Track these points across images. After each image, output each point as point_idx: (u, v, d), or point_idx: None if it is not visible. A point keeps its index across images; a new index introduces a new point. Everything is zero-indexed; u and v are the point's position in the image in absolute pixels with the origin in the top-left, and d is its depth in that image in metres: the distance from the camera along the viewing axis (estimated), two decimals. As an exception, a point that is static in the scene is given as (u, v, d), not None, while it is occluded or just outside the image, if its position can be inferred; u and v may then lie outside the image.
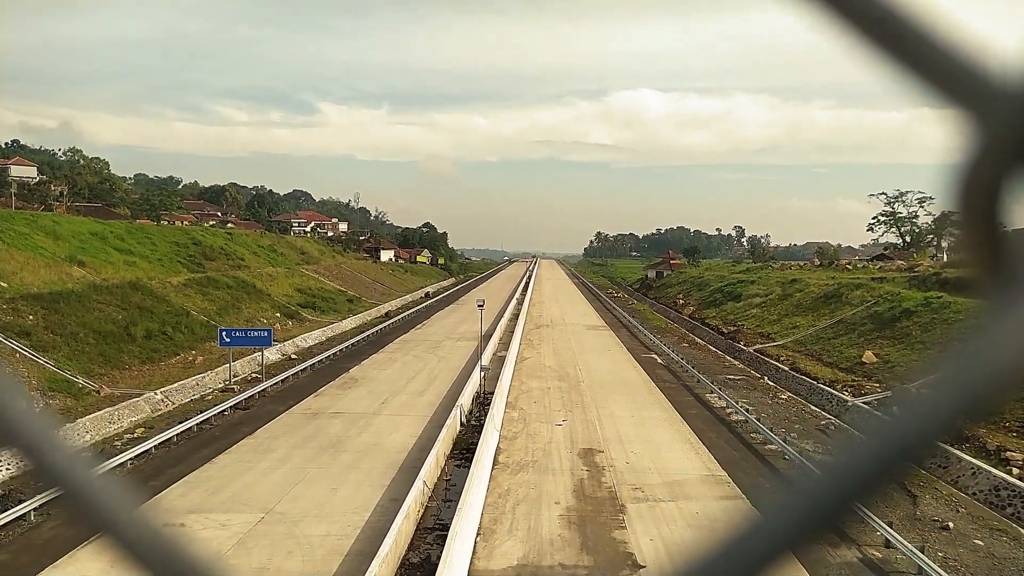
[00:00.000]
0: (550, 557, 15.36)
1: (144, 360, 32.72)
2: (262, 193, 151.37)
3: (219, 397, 29.64)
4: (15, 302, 30.58)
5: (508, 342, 42.65)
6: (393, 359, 39.22)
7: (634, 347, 46.66)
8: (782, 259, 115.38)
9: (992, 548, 16.75)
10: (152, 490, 19.14)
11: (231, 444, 23.30)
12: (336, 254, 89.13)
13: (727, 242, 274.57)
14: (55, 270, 36.46)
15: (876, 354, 34.75)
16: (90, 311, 33.85)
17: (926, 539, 16.56)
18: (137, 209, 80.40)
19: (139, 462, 21.43)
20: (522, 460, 21.92)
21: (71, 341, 30.43)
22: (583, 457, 22.43)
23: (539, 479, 20.21)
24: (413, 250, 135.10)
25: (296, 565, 14.91)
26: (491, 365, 33.34)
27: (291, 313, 52.98)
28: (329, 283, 69.08)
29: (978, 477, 20.44)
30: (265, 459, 21.77)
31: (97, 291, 36.35)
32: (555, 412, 28.09)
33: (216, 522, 17.00)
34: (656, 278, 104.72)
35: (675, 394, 31.99)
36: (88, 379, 28.38)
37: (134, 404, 26.72)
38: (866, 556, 16.01)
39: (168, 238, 56.04)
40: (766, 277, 65.32)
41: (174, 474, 20.40)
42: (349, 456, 22.11)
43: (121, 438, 24.08)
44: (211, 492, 19.07)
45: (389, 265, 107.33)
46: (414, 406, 28.45)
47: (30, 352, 27.79)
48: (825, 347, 39.64)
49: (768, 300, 55.69)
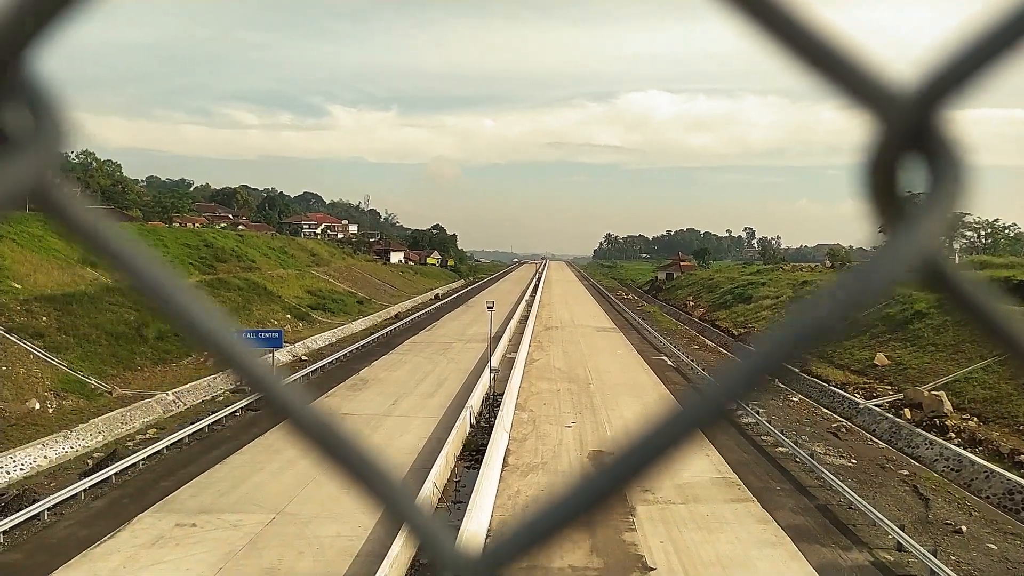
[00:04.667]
0: (560, 559, 15.34)
1: (156, 361, 32.94)
2: (273, 195, 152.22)
3: (230, 398, 29.79)
4: (29, 303, 30.85)
5: (518, 344, 42.65)
6: (403, 361, 39.31)
7: (644, 349, 46.57)
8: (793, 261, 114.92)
9: (1006, 552, 16.61)
10: (164, 490, 19.29)
11: (242, 445, 23.42)
12: (346, 256, 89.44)
13: (737, 244, 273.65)
14: (68, 272, 36.75)
15: (888, 356, 34.53)
16: (102, 312, 34.11)
17: (939, 543, 16.44)
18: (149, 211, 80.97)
19: (151, 462, 21.57)
20: (532, 462, 21.92)
21: (84, 342, 30.68)
22: (593, 459, 22.40)
23: (549, 481, 20.21)
24: (423, 252, 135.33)
25: (307, 565, 14.97)
26: (500, 367, 33.35)
27: (301, 315, 53.20)
28: (339, 285, 69.31)
29: (992, 481, 20.28)
30: (276, 460, 21.86)
31: (109, 292, 36.60)
32: (565, 414, 28.07)
33: (227, 522, 17.09)
34: (666, 280, 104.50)
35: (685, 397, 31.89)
36: (101, 380, 28.60)
37: (146, 405, 26.90)
38: (878, 559, 15.91)
39: (180, 240, 56.39)
40: (777, 279, 65.09)
41: (186, 475, 20.52)
42: (359, 457, 22.15)
43: (133, 439, 24.24)
44: (222, 492, 19.17)
45: (399, 267, 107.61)
46: (424, 408, 28.50)
47: (43, 353, 28.03)
48: (836, 349, 39.39)
49: (779, 302, 55.47)
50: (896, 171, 0.39)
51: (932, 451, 23.12)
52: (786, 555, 15.93)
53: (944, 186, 0.39)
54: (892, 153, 0.39)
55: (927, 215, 0.39)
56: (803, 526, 17.56)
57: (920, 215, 0.39)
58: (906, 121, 0.38)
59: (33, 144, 0.40)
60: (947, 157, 0.39)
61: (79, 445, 22.71)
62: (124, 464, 20.56)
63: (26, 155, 0.40)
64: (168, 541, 16.16)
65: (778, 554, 15.97)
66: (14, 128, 0.40)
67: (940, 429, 24.62)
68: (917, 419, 25.94)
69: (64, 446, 22.25)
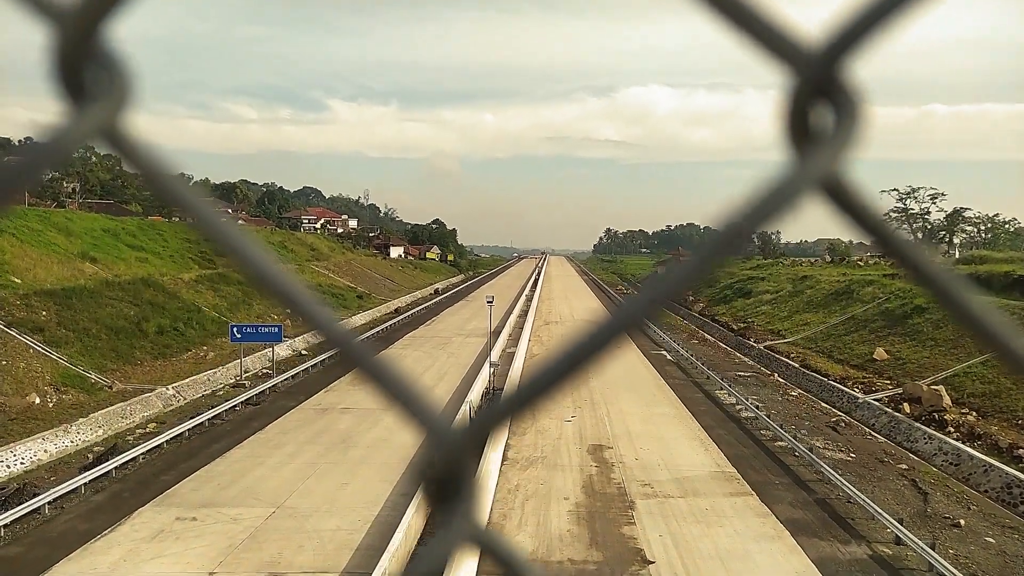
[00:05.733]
0: (559, 552, 15.40)
1: (156, 356, 32.95)
2: (272, 190, 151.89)
3: (230, 392, 29.83)
4: (28, 298, 30.85)
5: (517, 338, 42.68)
6: (403, 355, 39.32)
7: (643, 344, 46.57)
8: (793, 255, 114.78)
9: (1004, 545, 16.67)
10: (164, 484, 19.32)
11: (242, 439, 23.46)
12: (346, 251, 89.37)
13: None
14: (68, 266, 36.75)
15: (887, 351, 34.57)
16: (102, 307, 34.11)
17: (937, 536, 16.49)
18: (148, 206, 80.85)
19: (151, 456, 21.60)
20: (531, 456, 21.96)
21: (84, 337, 30.69)
22: (592, 453, 22.45)
23: (548, 475, 20.25)
24: (422, 247, 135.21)
25: (307, 559, 15.00)
26: (500, 361, 33.37)
27: (301, 309, 53.12)
28: (339, 279, 69.28)
29: (990, 475, 20.33)
30: (276, 454, 21.91)
31: (109, 287, 36.62)
32: (564, 408, 28.10)
33: (228, 516, 17.13)
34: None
35: (684, 391, 31.94)
36: (101, 374, 28.62)
37: (146, 399, 26.93)
38: (876, 553, 15.97)
39: (179, 235, 56.31)
40: (777, 274, 65.10)
41: (186, 468, 20.56)
42: (359, 451, 22.21)
43: (134, 433, 24.28)
44: (223, 487, 19.21)
45: (398, 262, 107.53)
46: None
47: (43, 347, 28.04)
48: (836, 344, 39.47)
49: (779, 297, 55.51)
50: (807, 114, 0.48)
51: (931, 445, 23.17)
52: (785, 548, 15.98)
53: (844, 125, 0.47)
54: (803, 100, 0.48)
55: (828, 146, 0.48)
56: (802, 520, 17.61)
57: (823, 147, 0.48)
58: (813, 73, 0.47)
59: (108, 97, 0.51)
60: (847, 102, 0.47)
61: (79, 439, 22.74)
62: (124, 458, 20.58)
63: (103, 106, 0.51)
64: (168, 535, 16.20)
65: (777, 548, 16.02)
66: (93, 85, 0.51)
67: (939, 423, 24.67)
68: (916, 413, 25.98)
69: (64, 440, 22.28)
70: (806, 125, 0.48)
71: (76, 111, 0.51)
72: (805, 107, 0.48)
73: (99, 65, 0.51)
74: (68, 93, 0.51)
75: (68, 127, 0.51)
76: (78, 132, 0.51)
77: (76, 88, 0.51)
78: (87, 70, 0.51)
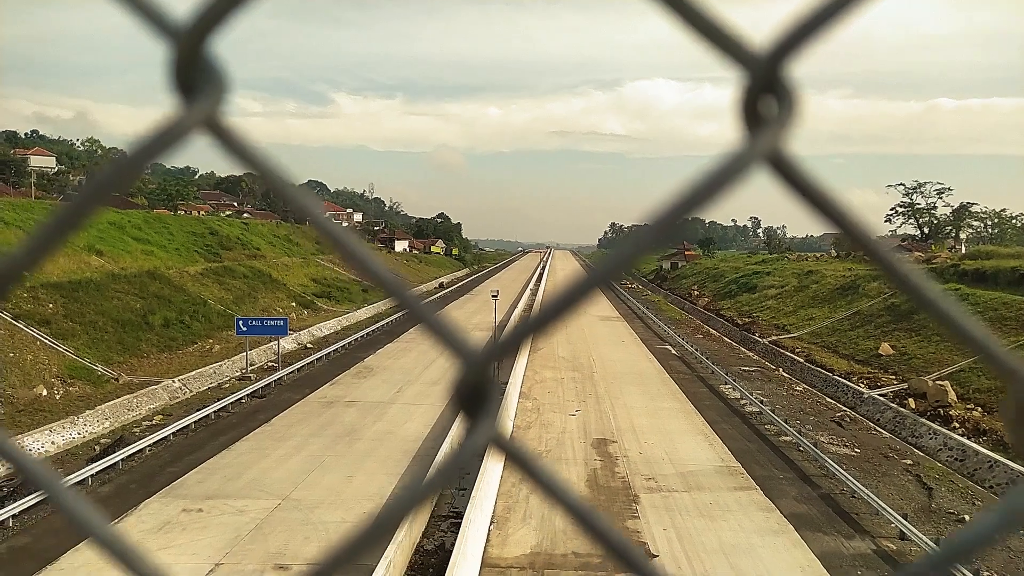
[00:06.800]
0: (563, 545, 15.45)
1: (162, 348, 33.10)
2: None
3: (236, 385, 29.95)
4: (35, 291, 30.99)
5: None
6: (408, 348, 39.39)
7: (648, 338, 46.59)
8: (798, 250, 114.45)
9: (1009, 541, 16.65)
10: (170, 476, 19.44)
11: (248, 431, 23.57)
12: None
13: (742, 233, 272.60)
14: (74, 259, 36.88)
15: (893, 346, 34.50)
16: (109, 300, 34.26)
17: (941, 531, 16.50)
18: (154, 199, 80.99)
19: (158, 448, 21.73)
20: (535, 450, 22.00)
21: (90, 329, 30.84)
22: (597, 447, 22.49)
23: (552, 469, 20.27)
24: (427, 241, 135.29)
25: (312, 551, 15.08)
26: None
27: (307, 303, 53.32)
28: (344, 273, 69.38)
29: (995, 470, 20.30)
30: (281, 446, 22.00)
31: (115, 280, 36.77)
32: (568, 402, 28.15)
33: (233, 508, 17.23)
34: (671, 269, 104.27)
35: (689, 385, 31.95)
36: (107, 367, 28.77)
37: (152, 391, 27.06)
38: (880, 548, 15.98)
39: (185, 228, 56.49)
40: (782, 268, 64.93)
41: (192, 460, 20.68)
42: (364, 444, 22.30)
43: (140, 425, 24.41)
44: (228, 479, 19.31)
45: (403, 255, 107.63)
46: (428, 395, 28.60)
47: (50, 340, 28.19)
48: (841, 339, 39.40)
49: (784, 292, 55.38)
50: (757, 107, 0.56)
51: (936, 441, 23.14)
52: (789, 543, 16.00)
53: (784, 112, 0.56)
54: (753, 95, 0.56)
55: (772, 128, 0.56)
56: (806, 514, 17.63)
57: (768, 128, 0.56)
58: (761, 72, 0.56)
59: (209, 95, 0.62)
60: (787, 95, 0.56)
61: (86, 431, 22.88)
62: (131, 450, 20.71)
63: (204, 100, 0.61)
64: (175, 526, 16.31)
65: (781, 542, 16.04)
66: (198, 85, 0.62)
67: (944, 419, 24.62)
68: (921, 409, 25.94)
69: (71, 432, 22.42)
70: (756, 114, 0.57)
71: (186, 105, 0.62)
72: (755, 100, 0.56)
73: (203, 68, 0.61)
74: (180, 91, 0.61)
75: (181, 118, 0.61)
76: (188, 121, 0.61)
77: (187, 87, 0.61)
78: (195, 73, 0.61)
